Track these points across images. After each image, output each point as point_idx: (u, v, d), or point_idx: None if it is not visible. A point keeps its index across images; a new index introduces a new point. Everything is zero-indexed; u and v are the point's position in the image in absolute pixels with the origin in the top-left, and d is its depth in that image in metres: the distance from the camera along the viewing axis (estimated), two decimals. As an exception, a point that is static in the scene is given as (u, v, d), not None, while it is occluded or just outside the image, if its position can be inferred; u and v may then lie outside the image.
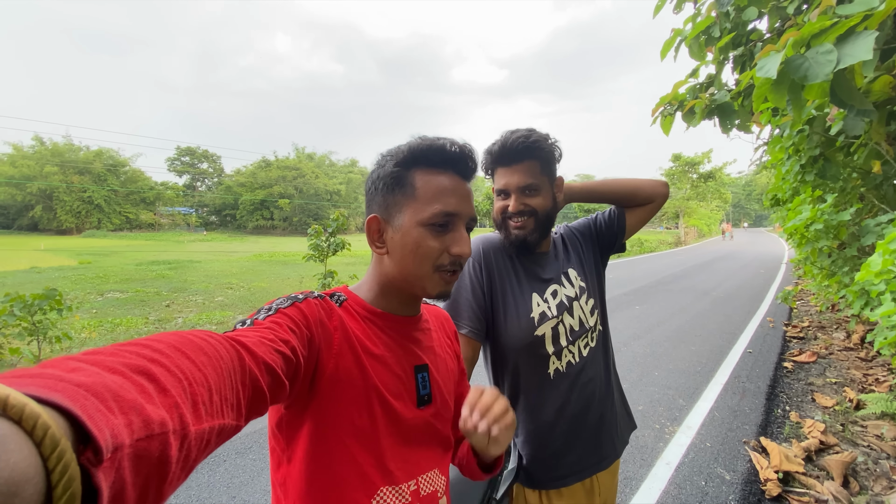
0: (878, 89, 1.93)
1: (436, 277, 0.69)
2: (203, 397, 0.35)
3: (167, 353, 0.35)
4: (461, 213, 0.69)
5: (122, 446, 0.26)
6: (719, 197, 34.70)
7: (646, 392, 3.68)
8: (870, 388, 3.53)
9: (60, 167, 40.85)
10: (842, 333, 5.22)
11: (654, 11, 3.20)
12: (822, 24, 1.39)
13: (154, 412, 0.29)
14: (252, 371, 0.45)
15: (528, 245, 1.10)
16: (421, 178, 0.69)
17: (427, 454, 0.72)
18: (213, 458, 2.71)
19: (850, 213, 3.03)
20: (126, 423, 0.27)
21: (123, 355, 0.32)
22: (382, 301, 0.73)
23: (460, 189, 0.70)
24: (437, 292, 0.71)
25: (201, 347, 0.39)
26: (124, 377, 0.30)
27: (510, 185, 1.06)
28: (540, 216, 1.08)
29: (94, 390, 0.26)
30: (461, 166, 0.71)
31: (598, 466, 1.13)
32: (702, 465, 2.56)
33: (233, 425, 0.40)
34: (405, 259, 0.69)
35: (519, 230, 1.08)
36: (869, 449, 2.67)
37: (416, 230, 0.68)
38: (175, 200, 52.13)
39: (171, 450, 0.30)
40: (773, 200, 4.89)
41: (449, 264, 0.69)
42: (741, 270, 12.75)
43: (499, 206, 1.10)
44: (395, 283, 0.72)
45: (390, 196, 0.70)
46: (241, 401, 0.42)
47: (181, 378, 0.34)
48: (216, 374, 0.39)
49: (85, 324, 6.58)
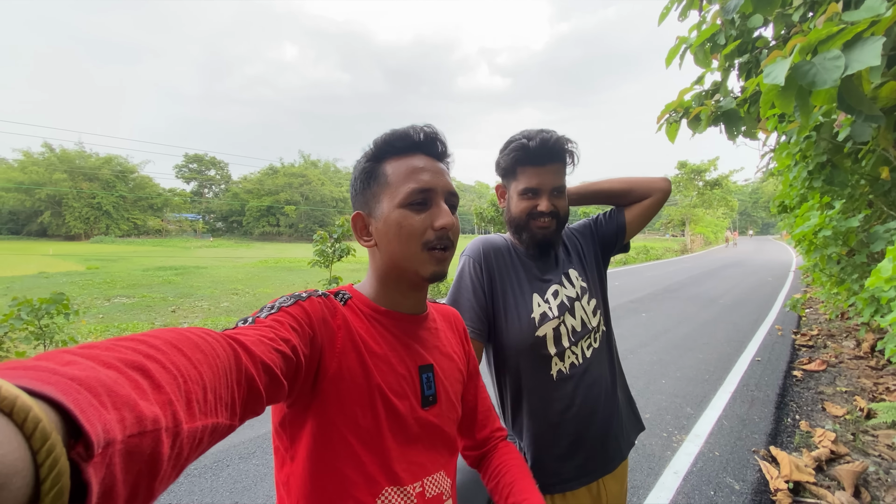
0: (886, 95, 1.92)
1: (425, 256, 0.69)
2: (197, 395, 0.35)
3: (163, 350, 0.35)
4: (436, 188, 0.70)
5: (114, 442, 0.25)
6: (726, 204, 34.59)
7: (653, 400, 3.64)
8: (880, 397, 3.48)
9: (69, 174, 41.44)
10: (851, 342, 5.15)
11: (659, 19, 3.21)
12: (828, 30, 1.39)
13: (147, 408, 0.29)
14: (248, 370, 0.45)
15: (550, 245, 1.12)
16: (391, 165, 0.71)
17: (433, 456, 0.71)
18: (217, 462, 2.71)
19: (859, 220, 3.00)
20: (118, 419, 0.26)
21: (119, 350, 0.32)
22: (385, 297, 0.73)
23: (431, 166, 0.71)
24: (431, 272, 0.70)
25: (197, 345, 0.39)
26: (119, 372, 0.29)
27: (543, 185, 1.06)
28: (561, 218, 1.10)
29: (88, 384, 0.26)
30: (429, 147, 0.72)
31: (603, 470, 1.11)
32: (710, 475, 2.53)
33: (226, 425, 0.40)
34: (392, 244, 0.69)
35: (544, 230, 1.08)
36: (880, 458, 2.63)
37: (396, 212, 0.68)
38: (182, 207, 52.67)
39: (163, 447, 0.29)
40: (780, 207, 4.86)
41: (436, 239, 0.69)
42: (748, 278, 12.64)
43: (525, 206, 1.08)
44: (391, 272, 0.72)
45: (368, 190, 0.72)
46: (235, 400, 0.42)
47: (176, 375, 0.34)
48: (211, 372, 0.38)
49: (91, 328, 6.63)
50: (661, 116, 2.90)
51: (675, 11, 3.18)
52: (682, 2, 3.13)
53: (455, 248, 0.74)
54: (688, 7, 3.15)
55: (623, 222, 1.26)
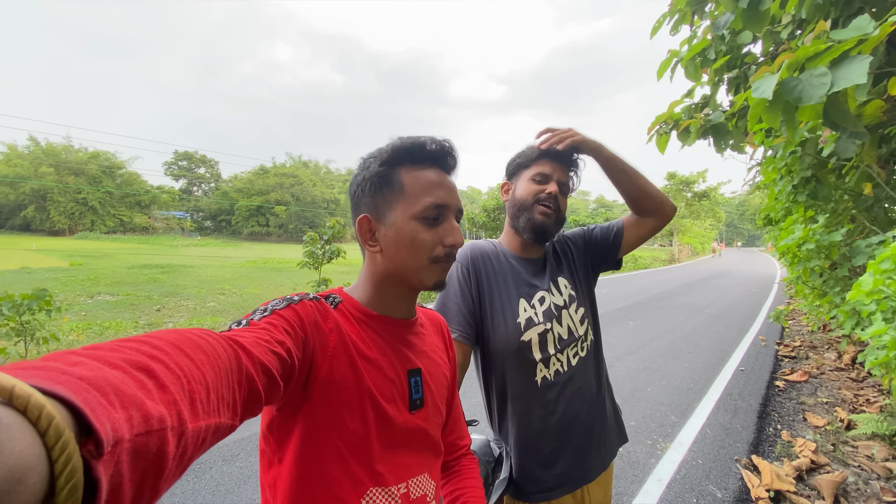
0: (870, 113, 1.97)
1: (433, 268, 0.71)
2: (201, 395, 0.36)
3: (167, 351, 0.35)
4: (450, 205, 0.71)
5: (122, 440, 0.26)
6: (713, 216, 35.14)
7: (638, 408, 3.67)
8: (860, 409, 3.54)
9: (55, 168, 40.67)
10: (833, 353, 5.25)
11: (652, 33, 3.27)
12: (816, 47, 1.42)
13: (153, 408, 0.29)
14: (248, 371, 0.45)
15: (547, 234, 1.13)
16: (407, 174, 0.70)
17: (418, 458, 0.72)
18: (200, 464, 2.67)
19: (842, 234, 3.07)
20: (126, 418, 0.27)
21: (124, 351, 0.32)
22: (378, 301, 0.74)
23: (446, 182, 0.72)
24: (434, 282, 0.72)
25: (200, 346, 0.40)
26: (125, 372, 0.30)
27: (555, 175, 1.13)
28: (560, 214, 1.14)
29: (96, 384, 0.27)
30: (443, 161, 0.73)
31: (585, 479, 1.11)
32: (693, 483, 2.55)
33: (228, 424, 0.40)
34: (401, 253, 0.70)
35: (545, 216, 1.11)
36: (860, 469, 2.67)
37: (410, 224, 0.69)
38: (170, 204, 51.93)
39: (168, 446, 0.30)
40: (765, 220, 4.95)
41: (444, 256, 0.71)
42: (734, 289, 12.83)
43: (533, 189, 1.12)
44: (392, 277, 0.72)
45: (379, 195, 0.71)
46: (237, 400, 0.42)
47: (180, 375, 0.34)
48: (214, 372, 0.39)
49: (73, 326, 6.51)
50: (651, 128, 2.95)
51: (667, 26, 3.24)
52: (674, 16, 3.19)
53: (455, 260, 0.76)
54: (679, 22, 3.21)
55: (620, 240, 1.22)
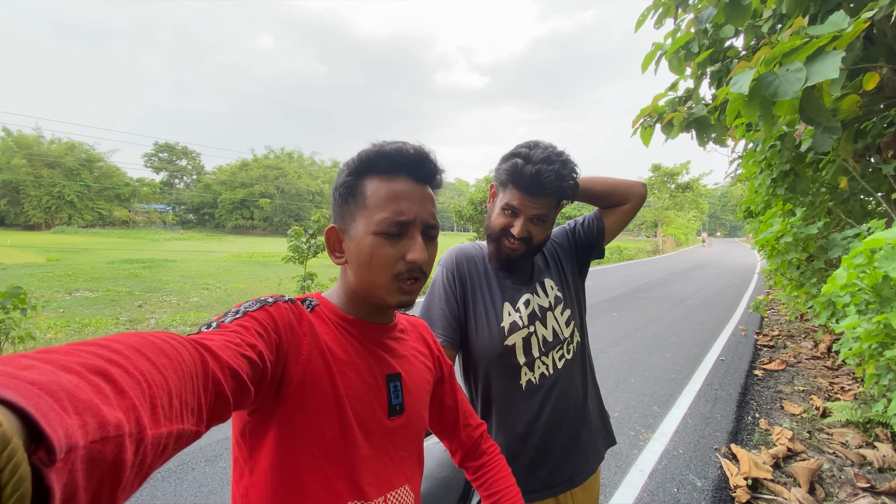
0: (846, 108, 2.00)
1: (394, 286, 0.67)
2: (162, 401, 0.34)
3: (126, 354, 0.34)
4: (413, 220, 0.66)
5: (76, 447, 0.25)
6: (696, 207, 35.63)
7: (622, 399, 3.72)
8: (835, 397, 3.65)
9: (29, 160, 39.39)
10: (809, 343, 5.39)
11: (636, 26, 3.27)
12: (793, 43, 1.43)
13: (110, 414, 0.28)
14: (216, 375, 0.43)
15: (513, 267, 1.09)
16: (371, 185, 0.66)
17: (398, 469, 0.70)
18: (182, 465, 2.63)
19: (818, 227, 3.14)
20: (81, 424, 0.26)
21: (80, 355, 0.31)
22: (353, 308, 0.72)
23: (413, 193, 0.67)
24: (396, 302, 0.68)
25: (162, 349, 0.38)
26: (80, 377, 0.28)
27: (525, 210, 1.02)
28: (533, 245, 1.06)
29: (49, 389, 0.25)
30: (416, 170, 0.68)
31: (570, 483, 1.10)
32: (674, 472, 2.60)
33: (192, 431, 0.39)
34: (361, 269, 0.67)
35: (512, 252, 1.05)
36: (834, 456, 2.75)
37: (368, 239, 0.65)
38: (151, 197, 50.88)
39: (126, 454, 0.28)
40: (746, 212, 5.04)
41: (406, 272, 0.66)
42: (716, 279, 13.08)
43: (501, 222, 1.05)
44: (358, 293, 0.70)
45: (345, 206, 0.68)
46: (202, 406, 0.41)
47: (140, 380, 0.32)
48: (177, 377, 0.37)
49: (51, 324, 6.34)
50: (636, 121, 2.96)
51: (652, 19, 3.25)
52: (658, 10, 3.20)
53: (427, 278, 0.71)
54: (663, 15, 3.21)
55: (602, 228, 1.23)
